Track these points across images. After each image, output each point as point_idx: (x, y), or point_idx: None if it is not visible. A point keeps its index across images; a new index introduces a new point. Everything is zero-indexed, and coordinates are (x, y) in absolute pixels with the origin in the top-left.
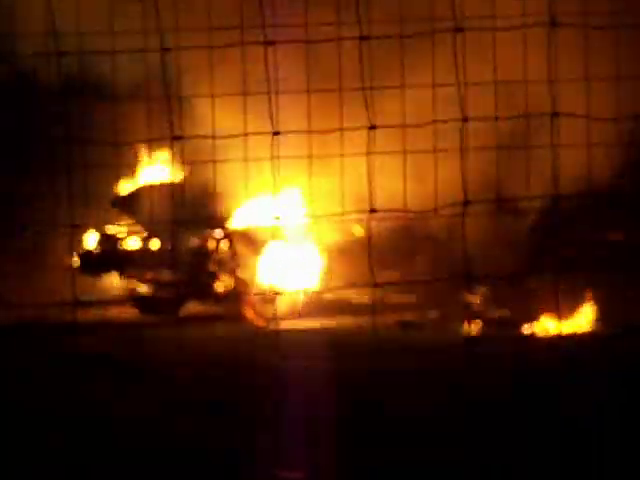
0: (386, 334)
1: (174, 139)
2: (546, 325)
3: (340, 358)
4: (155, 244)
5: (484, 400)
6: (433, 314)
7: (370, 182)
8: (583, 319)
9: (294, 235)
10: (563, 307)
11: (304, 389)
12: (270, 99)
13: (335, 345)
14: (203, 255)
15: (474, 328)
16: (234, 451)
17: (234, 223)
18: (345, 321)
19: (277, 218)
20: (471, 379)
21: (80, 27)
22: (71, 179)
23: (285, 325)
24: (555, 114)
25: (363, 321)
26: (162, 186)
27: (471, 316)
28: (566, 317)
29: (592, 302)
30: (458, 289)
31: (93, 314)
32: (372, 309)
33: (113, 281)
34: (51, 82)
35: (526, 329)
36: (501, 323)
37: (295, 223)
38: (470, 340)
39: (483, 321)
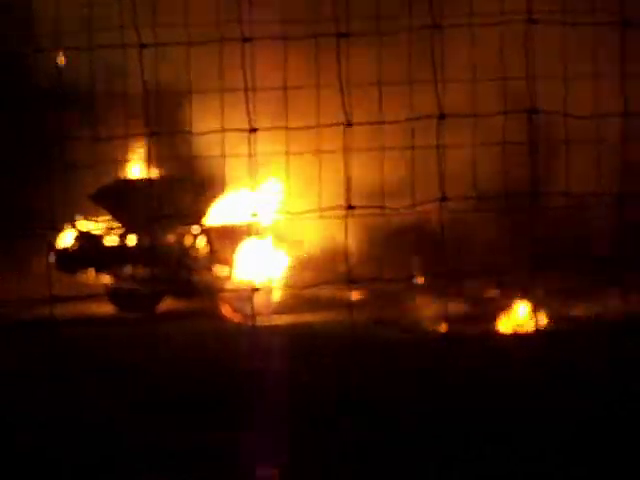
0: (362, 331)
1: (151, 135)
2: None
3: (317, 354)
4: (132, 240)
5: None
6: (411, 311)
7: (347, 178)
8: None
9: (271, 231)
10: (537, 303)
11: (280, 386)
12: (247, 96)
13: (312, 341)
14: (180, 251)
15: (453, 325)
16: (214, 449)
17: (211, 219)
18: (322, 317)
19: (254, 214)
20: (446, 378)
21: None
22: (50, 176)
23: (262, 322)
24: (534, 111)
25: (340, 318)
26: (139, 182)
27: (451, 313)
28: (541, 313)
29: (568, 299)
30: (439, 285)
31: (70, 310)
32: (349, 306)
33: (90, 278)
34: (29, 79)
35: (502, 326)
36: (478, 320)
37: (272, 219)
38: (445, 338)
39: (463, 318)
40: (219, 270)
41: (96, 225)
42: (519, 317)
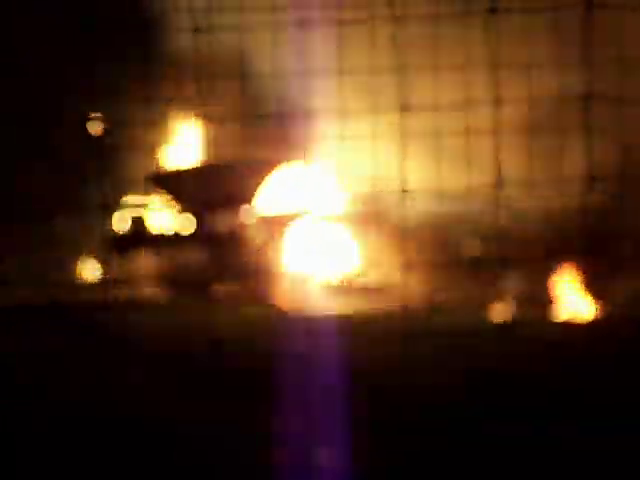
0: (416, 318)
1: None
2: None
3: (368, 343)
4: (186, 224)
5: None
6: (466, 297)
7: (403, 163)
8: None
9: (324, 218)
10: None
11: (326, 375)
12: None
13: (364, 329)
14: (233, 237)
15: (507, 311)
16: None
17: (265, 205)
18: (374, 305)
19: (308, 200)
20: (505, 364)
21: None
22: (103, 159)
23: (314, 309)
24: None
25: (393, 305)
26: (195, 167)
27: (503, 299)
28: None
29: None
30: (491, 272)
31: (124, 294)
32: (402, 293)
33: (144, 261)
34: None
35: (560, 312)
36: (534, 306)
37: (325, 206)
38: (503, 324)
39: (516, 304)
40: (272, 257)
41: (152, 208)
42: None
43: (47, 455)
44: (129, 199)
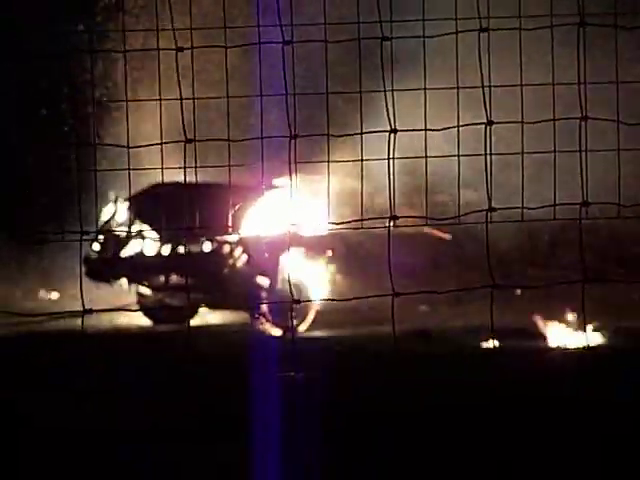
0: (405, 344)
1: (187, 142)
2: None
3: (358, 368)
4: (167, 249)
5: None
6: (455, 324)
7: (392, 187)
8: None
9: (311, 242)
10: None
11: (317, 400)
12: (287, 101)
13: (353, 355)
14: (217, 261)
15: (496, 339)
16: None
17: (250, 228)
18: (364, 331)
19: (294, 224)
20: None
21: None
22: (81, 181)
23: (301, 334)
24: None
25: (382, 331)
26: (175, 189)
27: (492, 326)
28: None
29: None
30: (480, 298)
31: (101, 322)
32: (392, 319)
33: (122, 288)
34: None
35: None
36: (525, 334)
37: (313, 229)
38: (492, 351)
39: (506, 332)
40: (257, 281)
41: (130, 232)
42: None
43: None
44: (105, 222)
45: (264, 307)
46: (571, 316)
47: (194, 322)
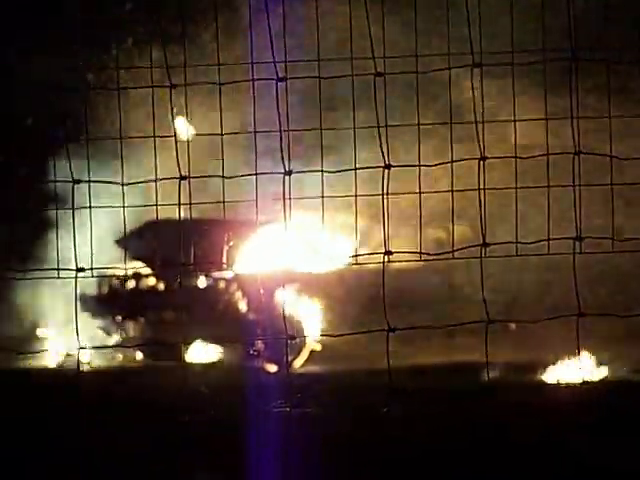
0: (399, 380)
1: (182, 179)
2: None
3: (354, 404)
4: (161, 285)
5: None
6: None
7: (385, 223)
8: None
9: (306, 277)
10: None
11: (314, 436)
12: (281, 137)
13: (348, 391)
14: (212, 297)
15: (493, 374)
16: None
17: (244, 264)
18: (359, 367)
19: (289, 261)
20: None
21: None
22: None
23: (296, 371)
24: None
25: (377, 367)
26: (169, 225)
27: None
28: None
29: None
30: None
31: (95, 360)
32: (387, 355)
33: (116, 324)
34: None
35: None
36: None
37: (307, 267)
38: (488, 387)
39: (503, 367)
40: (252, 317)
41: (123, 269)
42: None
43: None
44: (100, 260)
45: (259, 343)
46: (569, 350)
47: (189, 358)
